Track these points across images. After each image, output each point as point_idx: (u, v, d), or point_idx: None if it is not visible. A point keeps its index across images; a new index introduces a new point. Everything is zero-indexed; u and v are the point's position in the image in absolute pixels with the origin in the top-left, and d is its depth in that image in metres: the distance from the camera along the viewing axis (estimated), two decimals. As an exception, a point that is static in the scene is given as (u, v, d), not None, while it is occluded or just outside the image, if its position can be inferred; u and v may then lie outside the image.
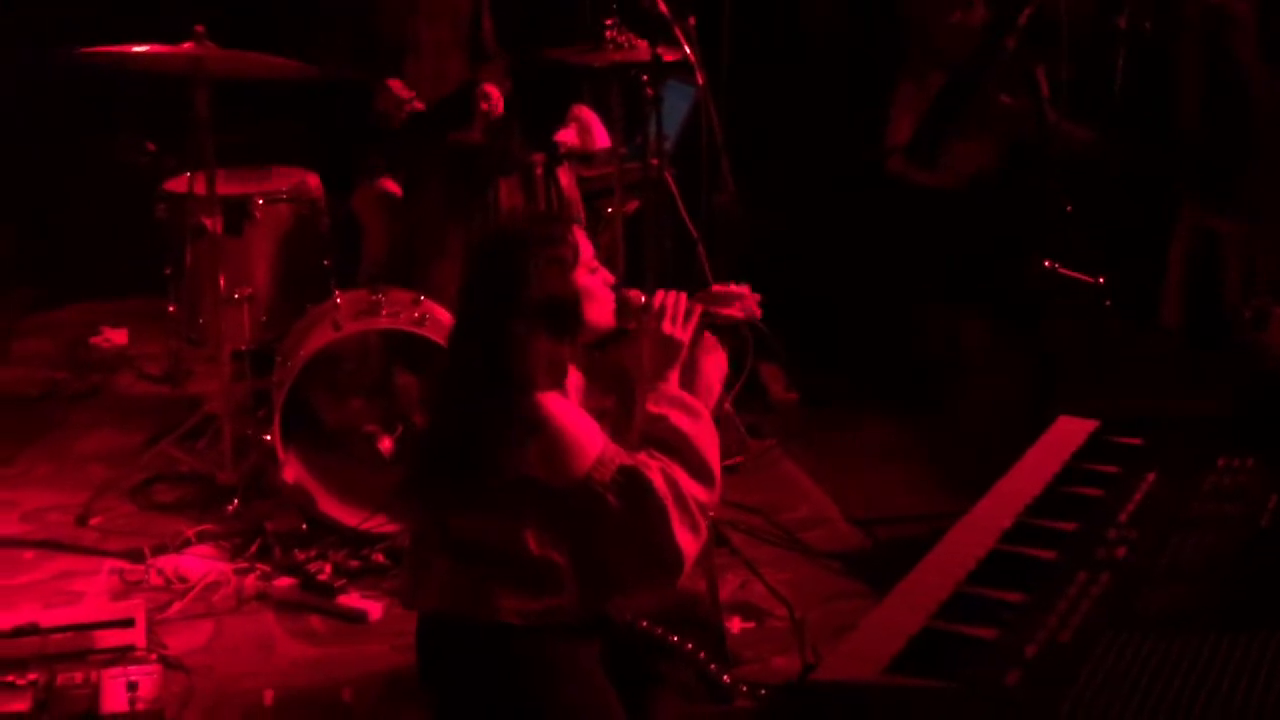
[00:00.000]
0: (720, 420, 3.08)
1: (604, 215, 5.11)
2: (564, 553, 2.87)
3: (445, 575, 2.97)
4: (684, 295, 3.08)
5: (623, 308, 3.06)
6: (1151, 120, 4.98)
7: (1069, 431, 2.43)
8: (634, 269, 5.09)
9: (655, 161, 4.83)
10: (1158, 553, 1.99)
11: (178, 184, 4.72)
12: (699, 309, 3.08)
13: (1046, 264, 3.90)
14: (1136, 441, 2.38)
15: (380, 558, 4.23)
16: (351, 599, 4.05)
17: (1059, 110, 4.38)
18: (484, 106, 4.80)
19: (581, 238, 2.98)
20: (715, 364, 3.12)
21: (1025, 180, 4.75)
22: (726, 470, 4.69)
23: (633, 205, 5.16)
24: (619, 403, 3.18)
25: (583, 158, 5.26)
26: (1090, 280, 3.84)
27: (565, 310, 2.91)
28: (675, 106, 5.26)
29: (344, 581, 4.12)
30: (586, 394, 3.16)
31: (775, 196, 5.63)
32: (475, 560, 2.92)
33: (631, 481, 2.82)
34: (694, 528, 2.87)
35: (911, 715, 1.77)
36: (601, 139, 5.34)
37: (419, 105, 4.79)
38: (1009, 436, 4.53)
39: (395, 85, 4.80)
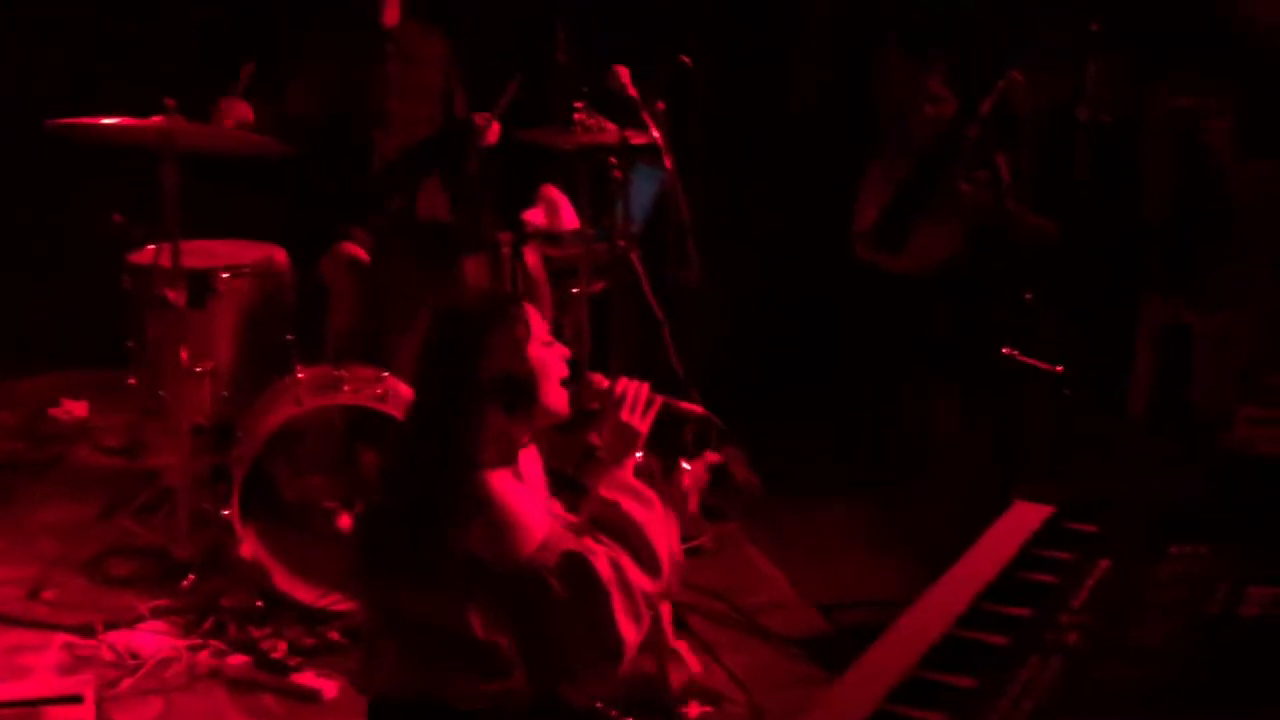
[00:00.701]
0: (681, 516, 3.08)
1: (570, 295, 5.12)
2: (509, 636, 2.81)
3: (393, 658, 2.92)
4: (645, 385, 3.08)
5: (585, 391, 3.05)
6: (1114, 211, 5.03)
7: (1024, 517, 2.43)
8: (600, 349, 5.10)
9: (622, 242, 4.85)
10: (1110, 638, 1.99)
11: (143, 256, 4.72)
12: (659, 400, 3.08)
13: (1005, 351, 3.92)
14: (1091, 529, 2.38)
15: (336, 636, 4.18)
16: (306, 678, 4.00)
17: (1020, 199, 4.42)
18: (481, 138, 4.81)
19: (534, 314, 2.98)
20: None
21: (988, 266, 4.80)
22: (687, 553, 4.75)
23: (599, 286, 5.18)
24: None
25: (550, 238, 5.28)
26: (1049, 368, 3.86)
27: (519, 387, 2.88)
28: (642, 190, 5.29)
29: (299, 660, 4.08)
30: (547, 475, 3.14)
31: (745, 276, 5.66)
32: (423, 642, 2.86)
33: (575, 568, 2.78)
34: (637, 617, 2.83)
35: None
36: (569, 219, 5.36)
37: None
38: (974, 519, 4.57)
39: None
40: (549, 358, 2.96)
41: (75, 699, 3.69)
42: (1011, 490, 2.53)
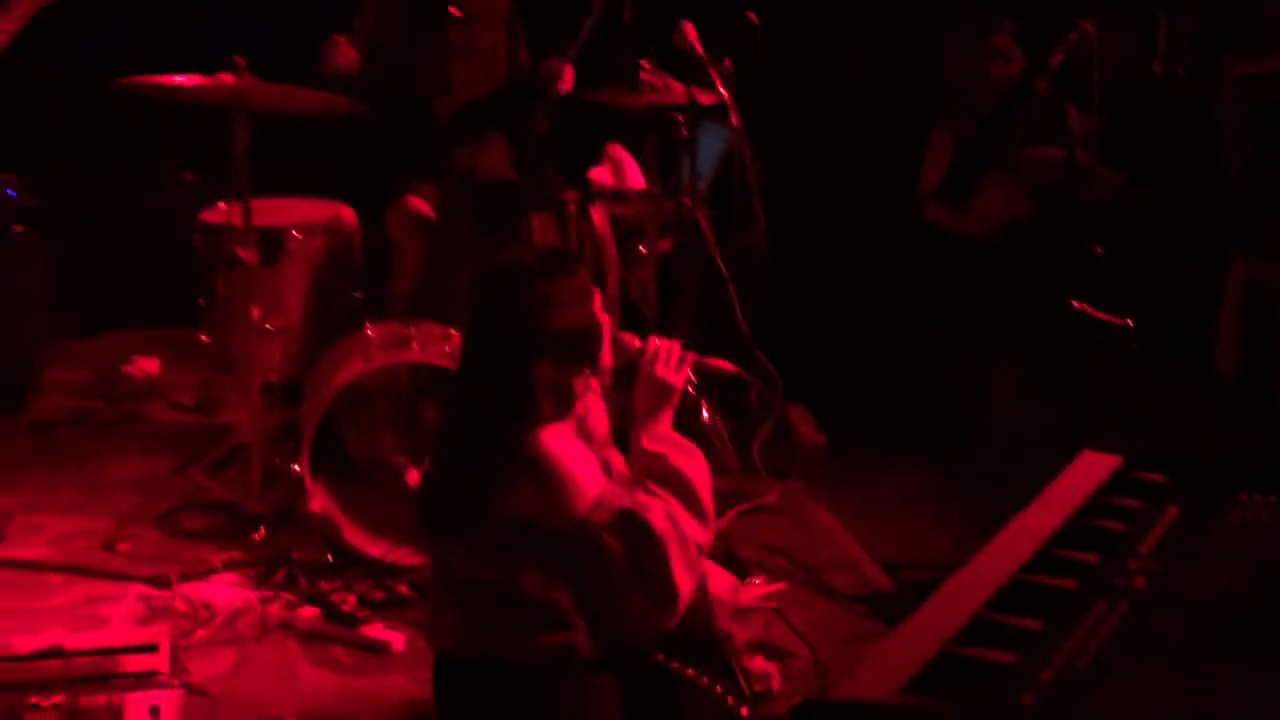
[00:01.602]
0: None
1: (636, 254, 5.13)
2: (567, 591, 2.87)
3: (457, 615, 2.99)
4: (677, 343, 3.14)
5: (619, 350, 3.12)
6: (1188, 168, 4.99)
7: (1092, 466, 2.42)
8: (666, 308, 5.11)
9: (688, 201, 4.84)
10: (1178, 584, 1.99)
11: (214, 215, 4.77)
12: (691, 357, 3.13)
13: (1076, 305, 3.89)
14: (1159, 478, 2.37)
15: (404, 589, 4.24)
16: (375, 630, 4.05)
17: (1090, 154, 4.38)
18: (557, 86, 4.82)
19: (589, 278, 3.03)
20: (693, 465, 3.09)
21: (1057, 227, 4.76)
22: (753, 510, 4.78)
23: (666, 245, 5.18)
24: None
25: (617, 196, 5.29)
26: (1119, 322, 3.83)
27: (585, 340, 2.94)
28: (710, 148, 5.29)
29: (368, 613, 4.13)
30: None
31: (810, 239, 5.64)
32: (481, 600, 2.93)
33: (631, 525, 2.84)
34: (691, 567, 2.89)
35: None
36: (635, 178, 5.36)
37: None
38: (1037, 482, 4.56)
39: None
40: (604, 320, 3.01)
41: (150, 648, 3.74)
42: (1080, 443, 2.52)
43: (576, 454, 2.91)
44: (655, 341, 3.13)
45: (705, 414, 4.97)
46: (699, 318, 4.98)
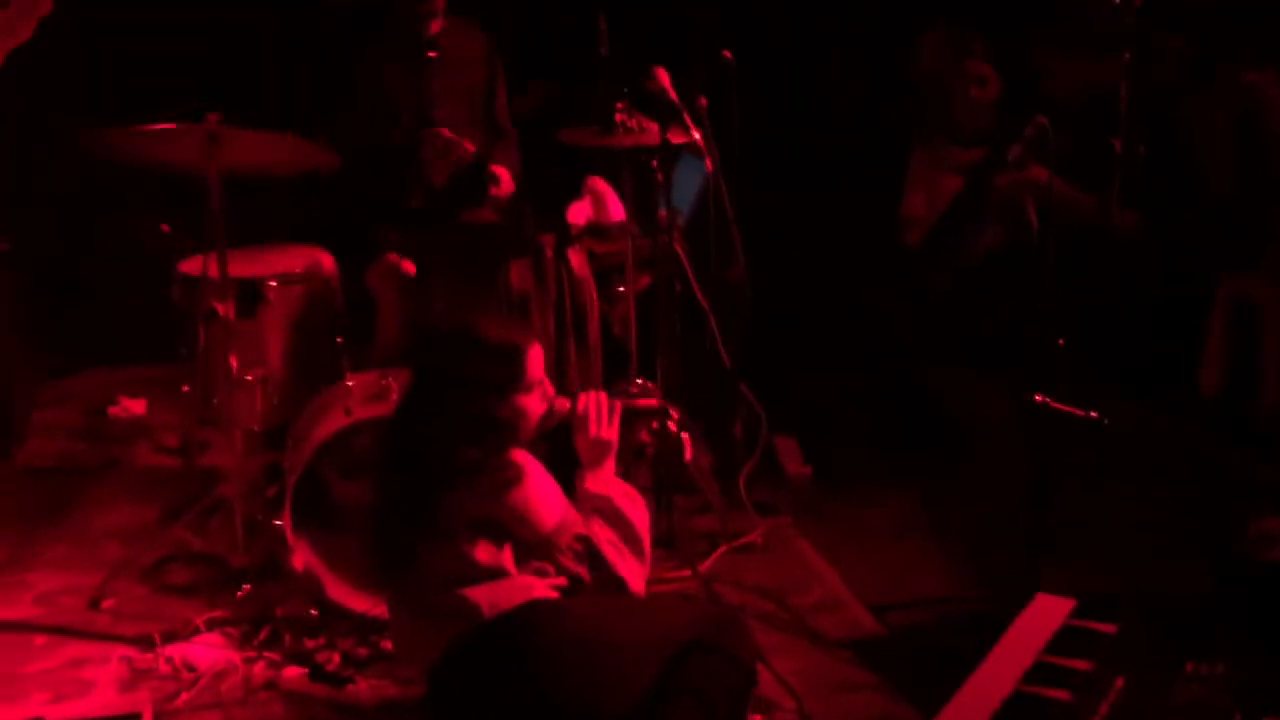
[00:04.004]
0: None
1: (616, 292, 5.11)
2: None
3: (428, 629, 3.30)
4: (604, 396, 3.45)
5: (549, 417, 3.40)
6: (1173, 192, 4.96)
7: (1045, 613, 2.40)
8: (646, 343, 5.08)
9: (664, 238, 4.82)
10: None
11: (192, 265, 4.73)
12: (619, 405, 3.46)
13: (1038, 399, 3.86)
14: (1110, 629, 2.35)
15: (389, 645, 4.21)
16: (360, 689, 4.04)
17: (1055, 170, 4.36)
18: (492, 190, 4.82)
19: (534, 354, 3.30)
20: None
21: (1029, 255, 4.74)
22: (738, 550, 4.77)
23: (645, 281, 5.16)
24: None
25: (597, 231, 5.26)
26: (1083, 414, 3.80)
27: (496, 426, 3.25)
28: (688, 181, 5.26)
29: (352, 671, 4.12)
30: None
31: (790, 266, 5.62)
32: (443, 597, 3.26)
33: (588, 551, 3.29)
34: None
35: None
36: (616, 211, 5.33)
37: (470, 146, 4.83)
38: (1024, 511, 4.54)
39: (444, 132, 4.84)
40: (533, 399, 3.32)
41: (133, 717, 3.74)
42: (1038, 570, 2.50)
43: (545, 477, 3.28)
44: (584, 400, 3.43)
45: (688, 452, 4.95)
46: (681, 353, 4.95)
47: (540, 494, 3.25)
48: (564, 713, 3.18)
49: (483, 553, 3.23)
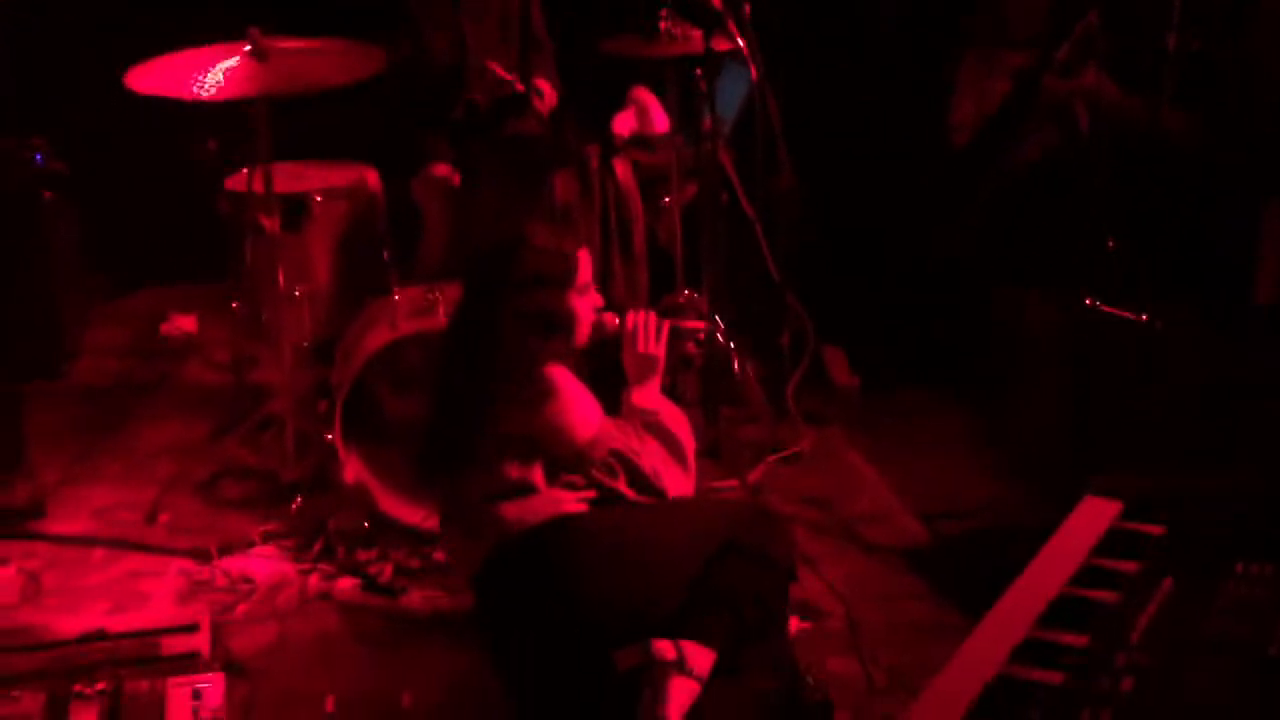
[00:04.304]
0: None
1: (661, 203, 5.08)
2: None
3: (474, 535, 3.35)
4: (652, 314, 3.51)
5: (596, 330, 3.44)
6: (1227, 94, 4.86)
7: (1093, 516, 2.38)
8: (692, 254, 5.06)
9: (709, 148, 4.77)
10: (1162, 687, 1.94)
11: (238, 181, 4.75)
12: (667, 324, 3.51)
13: (1089, 302, 3.81)
14: (1159, 530, 2.34)
15: (441, 556, 4.26)
16: (412, 600, 4.09)
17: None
18: (536, 103, 4.78)
19: (585, 258, 3.36)
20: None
21: (1094, 159, 4.66)
22: (786, 460, 4.77)
23: (691, 191, 5.12)
24: None
25: (642, 142, 5.22)
26: (1134, 317, 3.74)
27: (553, 324, 3.32)
28: (733, 89, 5.21)
29: (405, 582, 4.16)
30: None
31: (838, 179, 5.55)
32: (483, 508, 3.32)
33: (624, 465, 3.31)
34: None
35: None
36: (661, 122, 5.29)
37: (520, 86, 4.81)
38: (1073, 422, 4.51)
39: (494, 67, 4.82)
40: (584, 304, 3.37)
41: (192, 628, 3.80)
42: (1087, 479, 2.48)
43: (579, 392, 3.31)
44: (632, 318, 3.49)
45: (736, 363, 4.95)
46: (727, 263, 4.92)
47: (574, 409, 3.28)
48: (597, 622, 3.22)
49: (513, 469, 3.28)
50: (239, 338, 5.18)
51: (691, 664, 3.14)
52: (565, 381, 3.29)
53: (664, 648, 3.14)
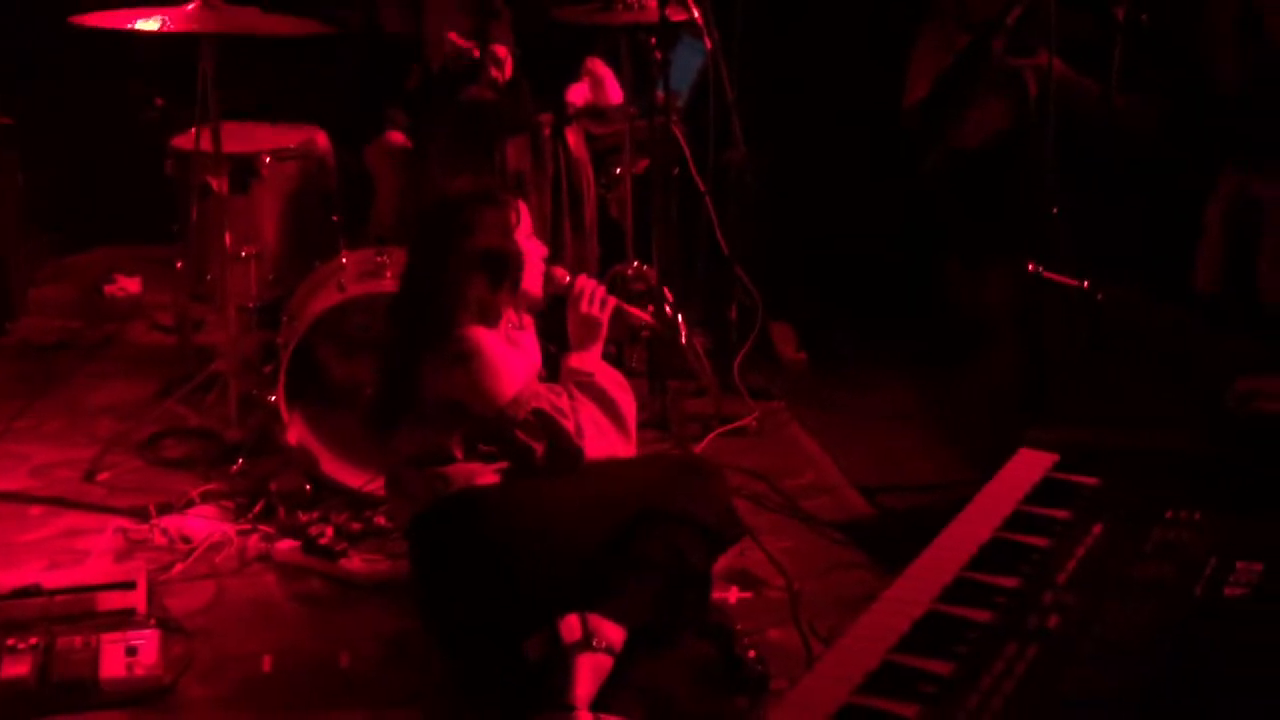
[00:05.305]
0: None
1: (613, 175, 5.07)
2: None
3: (413, 483, 3.36)
4: (602, 286, 3.52)
5: (549, 281, 3.48)
6: (1179, 75, 4.88)
7: (1027, 466, 2.40)
8: (643, 226, 5.06)
9: (661, 121, 4.77)
10: (1088, 624, 1.96)
11: (185, 140, 4.71)
12: (613, 302, 3.51)
13: (1031, 268, 3.82)
14: (1092, 481, 2.36)
15: (382, 520, 4.23)
16: (353, 562, 4.07)
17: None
18: (494, 71, 4.75)
19: (525, 211, 3.41)
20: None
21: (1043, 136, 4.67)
22: (733, 433, 4.77)
23: (643, 164, 5.12)
24: None
25: (595, 113, 5.21)
26: (1076, 284, 3.76)
27: (503, 262, 3.34)
28: (688, 62, 5.20)
29: (345, 545, 4.14)
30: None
31: (791, 152, 5.55)
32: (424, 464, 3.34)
33: (544, 424, 3.28)
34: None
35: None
36: (615, 94, 5.27)
37: (476, 53, 4.78)
38: (1024, 399, 4.53)
39: (453, 36, 4.79)
40: (531, 248, 3.42)
41: (128, 584, 3.76)
42: (1025, 430, 2.50)
43: (501, 353, 3.30)
44: (582, 280, 3.50)
45: (683, 334, 4.95)
46: (678, 236, 4.92)
47: (494, 369, 3.27)
48: (505, 597, 3.23)
49: (435, 433, 3.30)
50: (183, 299, 5.13)
51: (600, 639, 3.12)
52: (487, 341, 3.29)
53: (571, 626, 3.12)
